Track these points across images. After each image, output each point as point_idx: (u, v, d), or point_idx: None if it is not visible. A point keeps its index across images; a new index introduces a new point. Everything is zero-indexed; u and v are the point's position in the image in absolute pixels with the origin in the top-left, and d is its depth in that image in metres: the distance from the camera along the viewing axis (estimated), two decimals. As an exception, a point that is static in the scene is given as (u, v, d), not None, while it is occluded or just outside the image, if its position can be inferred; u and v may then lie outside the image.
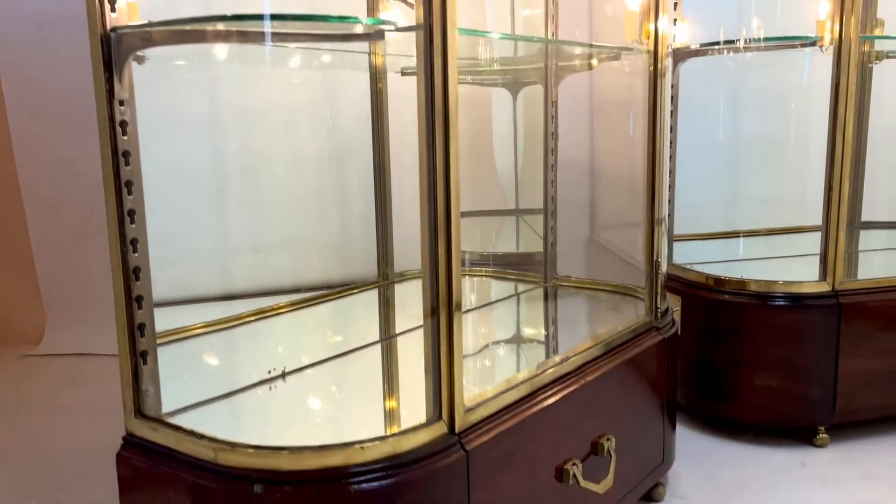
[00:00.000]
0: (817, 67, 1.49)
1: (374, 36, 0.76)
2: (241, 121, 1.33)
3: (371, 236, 1.48)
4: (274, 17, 0.70)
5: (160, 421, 0.80)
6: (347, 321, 1.30)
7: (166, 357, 0.93)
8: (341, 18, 0.72)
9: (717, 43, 1.47)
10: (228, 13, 0.70)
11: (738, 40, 1.43)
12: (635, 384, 1.11)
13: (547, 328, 1.28)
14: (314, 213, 1.50)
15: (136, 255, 0.79)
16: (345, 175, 1.51)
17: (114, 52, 0.74)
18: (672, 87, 1.53)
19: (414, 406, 0.84)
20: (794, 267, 1.63)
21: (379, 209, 1.46)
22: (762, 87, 1.89)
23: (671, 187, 1.58)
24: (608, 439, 1.02)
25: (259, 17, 0.69)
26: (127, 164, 0.77)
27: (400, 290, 1.46)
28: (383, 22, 0.85)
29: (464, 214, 1.74)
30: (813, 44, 1.34)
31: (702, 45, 1.49)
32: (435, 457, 0.76)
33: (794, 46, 1.39)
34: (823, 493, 1.25)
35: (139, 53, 0.90)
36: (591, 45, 1.32)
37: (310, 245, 1.48)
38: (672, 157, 1.57)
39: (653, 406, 1.15)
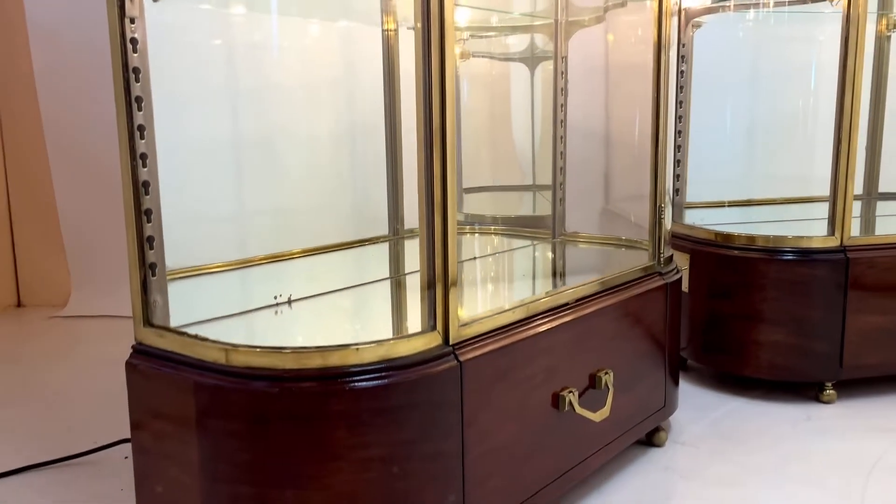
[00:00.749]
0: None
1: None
2: (255, 86, 1.36)
3: (383, 199, 1.51)
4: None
5: (167, 329, 0.83)
6: (357, 265, 1.33)
7: (177, 288, 0.97)
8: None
9: None
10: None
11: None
12: (635, 324, 1.12)
13: (552, 269, 1.30)
14: (330, 175, 1.53)
15: (146, 169, 0.83)
16: (357, 134, 1.53)
17: None
18: (683, 45, 1.54)
19: (416, 328, 0.87)
20: (805, 230, 1.63)
21: (390, 167, 1.48)
22: (784, 58, 1.88)
23: (681, 147, 1.59)
24: (606, 373, 1.04)
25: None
26: (137, 80, 0.81)
27: (410, 244, 1.49)
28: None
29: (483, 189, 1.75)
30: (827, -1, 1.35)
31: (713, 1, 1.50)
32: (429, 363, 0.79)
33: (804, 1, 1.39)
34: (826, 443, 1.25)
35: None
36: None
37: (325, 208, 1.51)
38: (683, 118, 1.58)
39: (654, 348, 1.17)
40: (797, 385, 1.46)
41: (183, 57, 1.13)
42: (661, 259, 1.20)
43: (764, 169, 1.93)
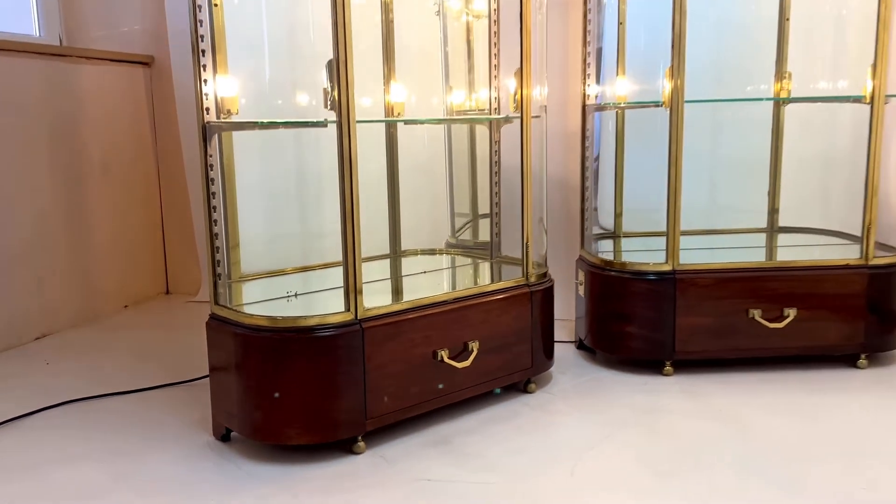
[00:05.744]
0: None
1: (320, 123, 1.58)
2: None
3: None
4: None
5: (222, 305, 1.67)
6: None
7: (247, 284, 1.81)
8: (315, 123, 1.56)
9: (604, 100, 2.17)
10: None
11: (611, 99, 2.13)
12: (503, 315, 1.86)
13: (461, 279, 2.05)
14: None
15: (215, 213, 1.67)
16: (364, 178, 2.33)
17: (207, 132, 1.62)
18: (587, 130, 2.24)
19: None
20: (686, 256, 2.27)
21: (391, 203, 2.27)
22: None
23: (587, 191, 2.29)
24: (474, 342, 1.79)
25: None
26: (213, 182, 1.65)
27: (406, 261, 2.27)
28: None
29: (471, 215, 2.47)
30: (662, 104, 2.02)
31: (601, 103, 2.20)
32: (343, 328, 1.58)
33: (646, 106, 2.07)
34: (635, 396, 1.93)
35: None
36: (483, 118, 2.07)
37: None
38: (588, 170, 2.28)
39: (519, 330, 1.90)
40: (652, 364, 2.12)
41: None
42: (529, 275, 1.93)
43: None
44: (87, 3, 3.05)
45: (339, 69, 1.51)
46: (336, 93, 1.52)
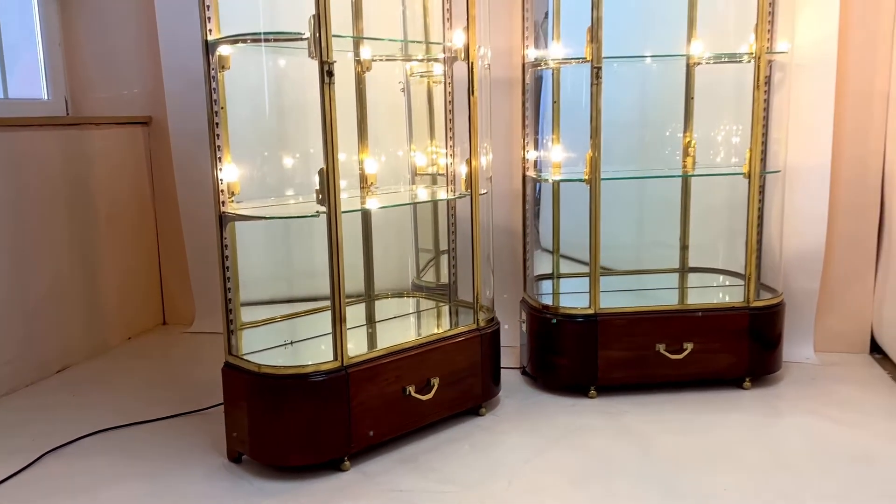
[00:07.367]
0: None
1: (314, 215, 2.03)
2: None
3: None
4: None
5: (235, 355, 2.11)
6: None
7: (251, 331, 2.25)
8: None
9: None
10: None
11: (548, 165, 2.60)
12: (458, 354, 2.32)
13: (424, 323, 2.52)
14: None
15: (229, 279, 2.10)
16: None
17: (223, 221, 2.06)
18: (527, 195, 2.71)
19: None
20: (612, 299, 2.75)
21: (365, 252, 2.71)
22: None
23: (528, 238, 2.76)
24: (434, 378, 2.25)
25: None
26: (227, 259, 2.09)
27: (378, 304, 2.73)
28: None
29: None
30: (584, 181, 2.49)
31: (539, 173, 2.67)
32: (332, 373, 2.03)
33: (573, 181, 2.54)
34: (564, 416, 2.40)
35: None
36: (441, 198, 2.53)
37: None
38: (529, 221, 2.75)
39: (471, 366, 2.36)
40: (580, 388, 2.60)
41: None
42: (479, 321, 2.40)
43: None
44: (90, 68, 3.44)
45: (328, 178, 1.96)
46: (325, 194, 1.97)
